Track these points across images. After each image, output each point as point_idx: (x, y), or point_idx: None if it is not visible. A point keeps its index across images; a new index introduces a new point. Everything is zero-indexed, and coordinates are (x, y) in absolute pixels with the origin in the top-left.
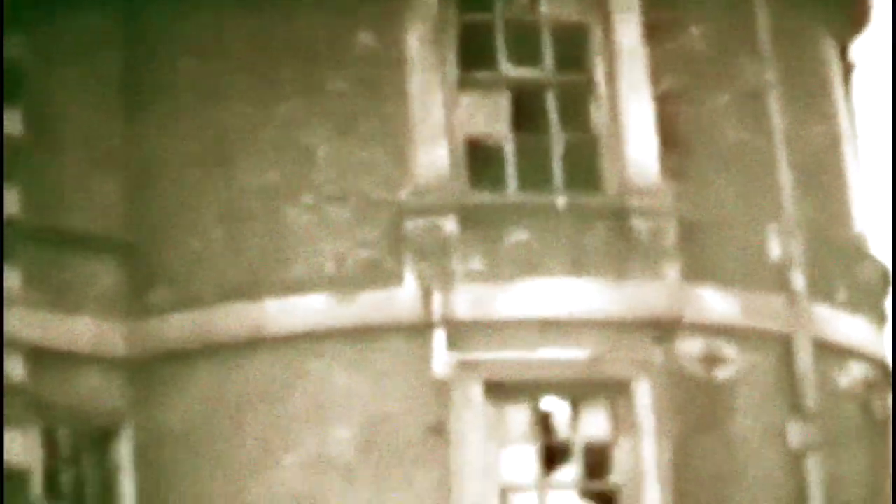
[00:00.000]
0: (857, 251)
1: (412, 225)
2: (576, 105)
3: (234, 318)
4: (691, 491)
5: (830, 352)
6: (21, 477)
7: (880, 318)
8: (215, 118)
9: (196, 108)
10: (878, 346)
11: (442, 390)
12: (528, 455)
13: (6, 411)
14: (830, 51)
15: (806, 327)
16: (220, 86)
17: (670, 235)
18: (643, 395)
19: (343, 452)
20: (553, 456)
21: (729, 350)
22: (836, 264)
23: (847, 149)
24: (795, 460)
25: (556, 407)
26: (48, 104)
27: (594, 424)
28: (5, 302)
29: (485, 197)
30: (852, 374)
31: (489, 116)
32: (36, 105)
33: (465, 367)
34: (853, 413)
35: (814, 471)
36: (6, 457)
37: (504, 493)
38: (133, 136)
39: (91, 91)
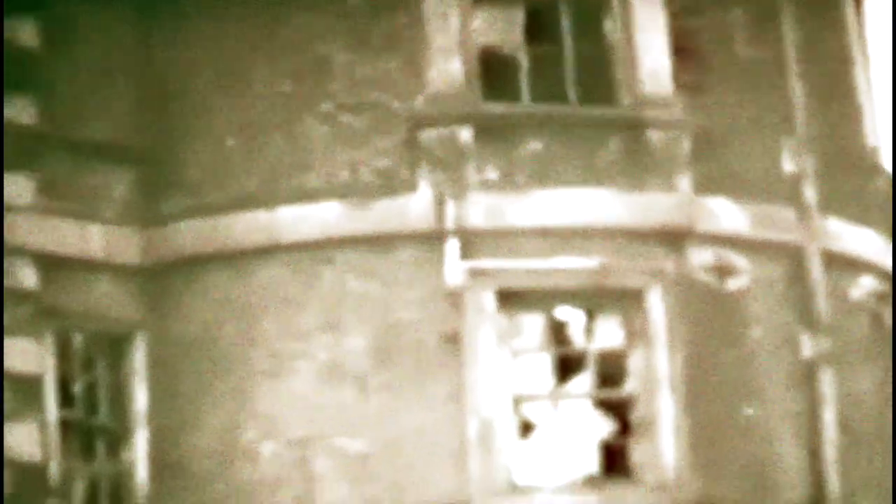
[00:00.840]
0: (869, 165)
1: (427, 135)
2: (590, 17)
3: (248, 226)
4: (704, 400)
5: (841, 264)
6: (33, 384)
7: (891, 232)
8: (231, 28)
9: (212, 18)
10: (889, 259)
11: (455, 299)
12: (541, 364)
13: (18, 319)
14: None
15: (817, 239)
16: None
17: (683, 147)
18: (656, 304)
19: (356, 361)
20: (566, 365)
21: (740, 261)
22: (848, 178)
23: (860, 64)
24: (807, 371)
25: (569, 316)
26: (63, 14)
27: (607, 334)
28: (19, 211)
29: (499, 107)
30: (863, 286)
31: (504, 28)
32: (51, 15)
33: (478, 275)
34: (864, 325)
35: (825, 381)
36: (19, 364)
37: (517, 402)
38: (148, 45)
39: (106, 1)
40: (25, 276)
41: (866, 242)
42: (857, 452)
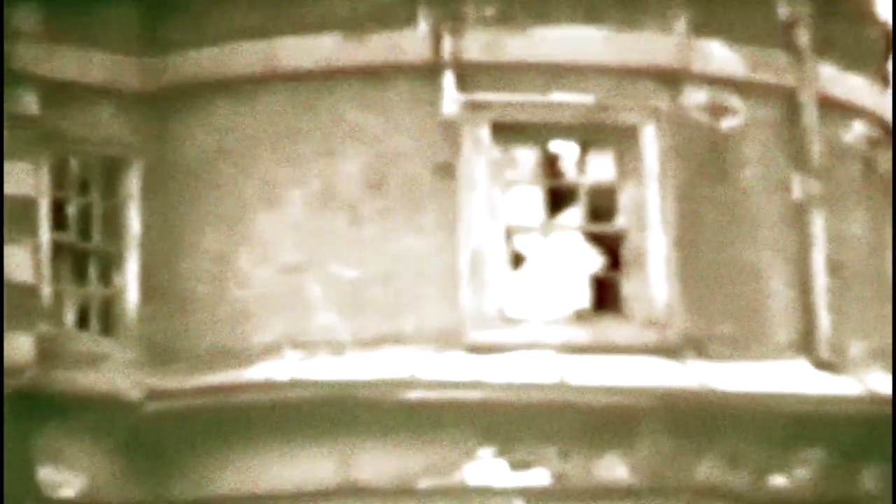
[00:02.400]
0: (863, 12)
1: None
2: None
3: (247, 55)
4: (695, 237)
5: (834, 109)
6: (29, 207)
7: (884, 79)
8: None
9: None
10: (881, 106)
11: (450, 130)
12: (533, 197)
13: (17, 143)
14: None
15: (810, 83)
16: None
17: None
18: (649, 141)
19: (350, 189)
20: (559, 199)
21: (734, 101)
22: (842, 24)
23: None
24: (799, 213)
25: (563, 150)
26: None
27: (600, 168)
28: (20, 37)
29: None
30: (855, 131)
31: None
32: None
33: (474, 107)
34: (856, 170)
35: (816, 224)
36: (15, 188)
37: (509, 233)
38: None
39: None
40: (27, 102)
41: (860, 89)
42: (849, 295)
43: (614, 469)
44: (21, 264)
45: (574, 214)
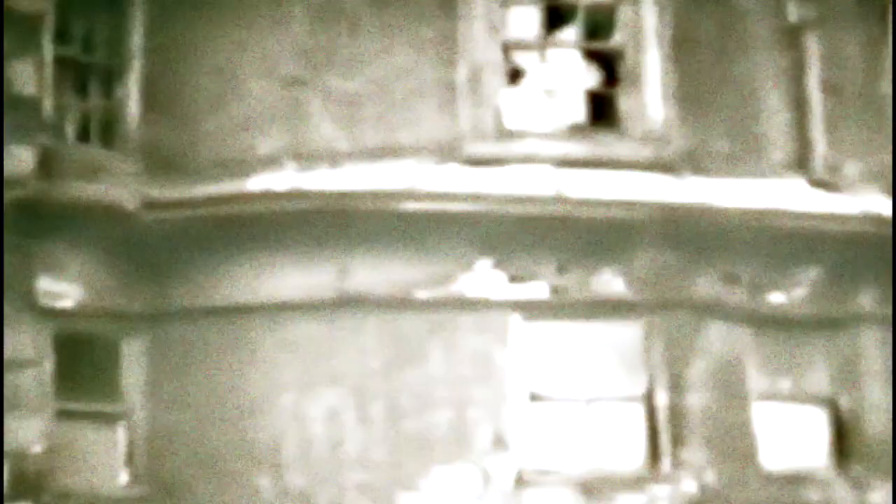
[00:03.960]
0: None
1: None
2: None
3: None
4: (692, 56)
5: None
6: (33, 22)
7: None
8: None
9: None
10: None
11: None
12: (532, 14)
13: None
14: None
15: None
16: None
17: None
18: None
19: (351, 3)
20: (557, 16)
21: None
22: None
23: None
24: (794, 34)
25: None
26: None
27: None
28: None
29: None
30: None
31: None
32: None
33: None
34: None
35: (811, 45)
36: (22, 4)
37: (507, 49)
38: None
39: None
40: None
41: None
42: (846, 116)
43: (612, 283)
44: (24, 78)
45: (572, 31)
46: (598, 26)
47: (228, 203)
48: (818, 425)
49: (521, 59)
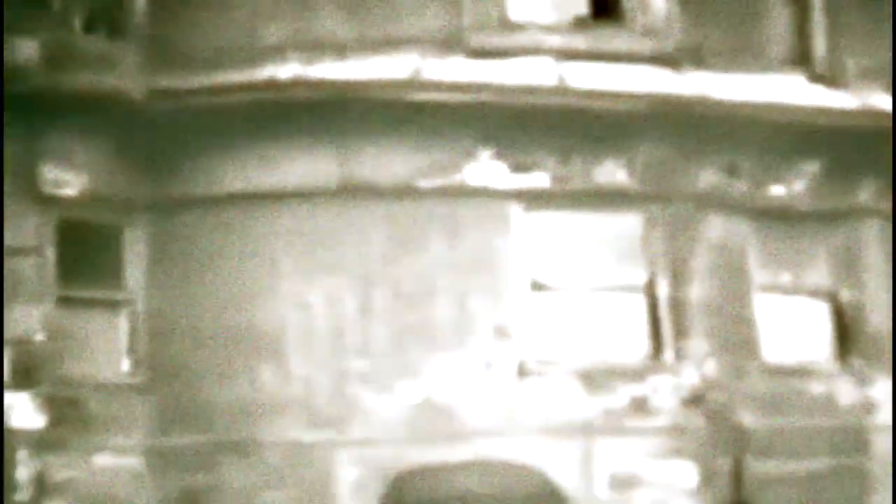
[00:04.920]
0: None
1: None
2: None
3: None
4: None
5: None
6: None
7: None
8: None
9: None
10: None
11: None
12: None
13: None
14: None
15: None
16: None
17: None
18: None
19: None
20: None
21: None
22: None
23: None
24: None
25: None
26: None
27: None
28: None
29: None
30: None
31: None
32: None
33: None
34: None
35: None
36: None
37: None
38: None
39: None
40: None
41: None
42: (845, 12)
43: (613, 174)
44: None
45: None
46: None
47: (233, 92)
48: (819, 318)
49: None
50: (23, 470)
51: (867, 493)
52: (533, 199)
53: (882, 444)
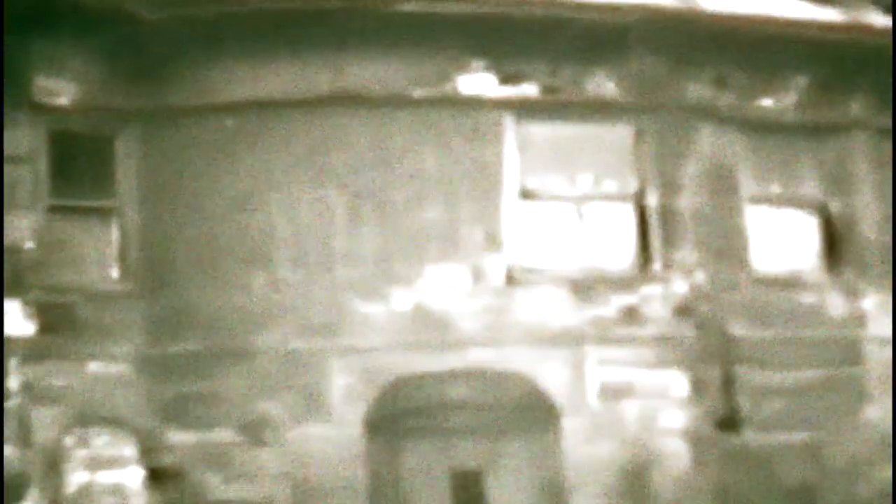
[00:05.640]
0: None
1: None
2: None
3: None
4: None
5: None
6: None
7: None
8: None
9: None
10: None
11: None
12: None
13: None
14: None
15: None
16: None
17: None
18: None
19: None
20: None
21: None
22: None
23: None
24: None
25: None
26: None
27: None
28: None
29: None
30: None
31: None
32: None
33: None
34: None
35: None
36: None
37: None
38: None
39: None
40: None
41: None
42: None
43: (604, 85)
44: None
45: None
46: None
47: (227, 2)
48: (809, 230)
49: None
50: (13, 377)
51: (861, 405)
52: (524, 109)
53: (875, 355)
